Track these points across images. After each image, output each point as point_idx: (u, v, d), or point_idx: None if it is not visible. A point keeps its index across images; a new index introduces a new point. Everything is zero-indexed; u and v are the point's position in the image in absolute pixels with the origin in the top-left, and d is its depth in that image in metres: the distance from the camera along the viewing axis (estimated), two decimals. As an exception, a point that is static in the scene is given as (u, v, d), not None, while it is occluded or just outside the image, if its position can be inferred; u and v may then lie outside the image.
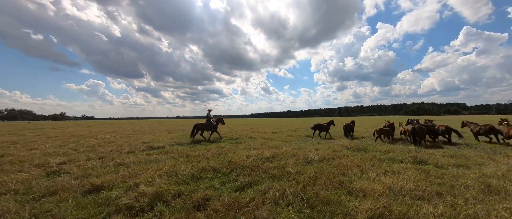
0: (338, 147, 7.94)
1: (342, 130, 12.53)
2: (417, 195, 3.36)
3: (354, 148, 7.79)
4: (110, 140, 11.45)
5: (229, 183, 4.18)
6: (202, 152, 7.25)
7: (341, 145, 8.50)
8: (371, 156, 6.41)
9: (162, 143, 9.59)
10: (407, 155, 6.41)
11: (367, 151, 7.28)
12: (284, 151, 7.26)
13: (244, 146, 8.68)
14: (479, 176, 4.25)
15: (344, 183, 4.00)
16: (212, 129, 11.42)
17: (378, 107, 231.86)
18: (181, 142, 10.11)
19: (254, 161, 5.76)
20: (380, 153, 6.82)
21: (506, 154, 6.49)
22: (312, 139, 11.11)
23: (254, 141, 10.43)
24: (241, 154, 6.62)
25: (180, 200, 3.34)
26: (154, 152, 7.65)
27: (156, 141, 10.62)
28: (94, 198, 3.50)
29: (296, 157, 6.30)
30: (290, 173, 4.67)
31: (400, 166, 5.16)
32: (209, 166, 5.28)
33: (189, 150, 7.75)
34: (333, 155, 6.53)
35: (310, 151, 7.17)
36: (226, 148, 8.11)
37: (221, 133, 14.08)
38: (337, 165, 5.26)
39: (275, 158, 6.16)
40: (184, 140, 11.00)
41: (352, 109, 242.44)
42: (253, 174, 4.69)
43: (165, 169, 5.02)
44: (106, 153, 7.51)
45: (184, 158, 6.52)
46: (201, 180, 4.44)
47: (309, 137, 11.85)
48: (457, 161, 5.55)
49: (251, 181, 4.23)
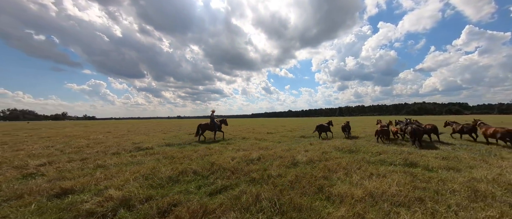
0: (329, 149, 7.74)
1: (340, 130, 12.72)
2: (397, 201, 3.17)
3: (345, 150, 7.59)
4: (101, 140, 11.33)
5: (205, 187, 4.01)
6: (189, 154, 7.08)
7: (333, 146, 8.29)
8: (361, 158, 6.21)
9: (152, 144, 9.45)
10: (398, 157, 6.21)
11: (358, 153, 7.08)
12: (273, 152, 7.08)
13: (234, 147, 8.51)
14: (468, 180, 4.04)
15: (324, 187, 3.80)
16: (216, 129, 11.61)
17: (379, 107, 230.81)
18: (171, 143, 9.95)
19: (238, 163, 5.59)
20: (371, 155, 6.62)
21: (501, 156, 6.26)
22: (306, 139, 10.91)
23: (246, 142, 10.25)
24: (226, 156, 6.44)
25: (147, 206, 3.18)
26: (140, 153, 7.50)
27: (146, 141, 10.48)
28: (58, 202, 3.34)
29: (283, 159, 6.11)
30: (271, 176, 4.49)
31: (388, 169, 4.96)
32: (190, 168, 5.11)
33: (176, 151, 7.59)
34: (322, 157, 6.33)
35: (299, 153, 6.98)
36: (214, 149, 7.94)
37: (209, 134, 13.86)
38: (322, 168, 5.06)
39: (260, 160, 5.98)
40: (176, 140, 10.84)
41: (353, 109, 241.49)
42: (232, 177, 4.51)
43: (144, 172, 4.85)
44: (91, 154, 7.38)
45: (168, 159, 6.36)
46: (178, 183, 4.27)
47: (303, 138, 11.65)
48: (449, 164, 5.34)
49: (228, 184, 4.05)
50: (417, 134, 8.38)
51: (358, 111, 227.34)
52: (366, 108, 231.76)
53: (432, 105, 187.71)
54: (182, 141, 10.67)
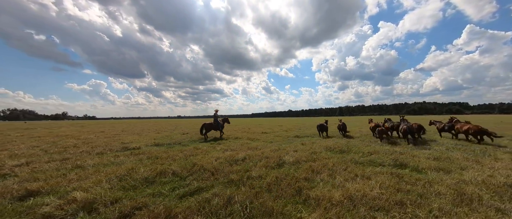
0: (319, 149, 7.54)
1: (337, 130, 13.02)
2: (377, 205, 2.97)
3: (336, 150, 7.39)
4: (90, 140, 11.15)
5: (179, 189, 3.82)
6: (174, 154, 6.89)
7: (325, 146, 8.10)
8: (350, 158, 6.01)
9: (140, 144, 9.26)
10: (389, 157, 6.01)
11: (349, 153, 6.88)
12: (260, 152, 6.88)
13: (223, 147, 8.31)
14: (456, 182, 3.83)
15: (303, 190, 3.61)
16: (220, 128, 11.99)
17: (380, 106, 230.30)
18: (161, 143, 9.76)
19: (221, 164, 5.39)
20: (361, 155, 6.42)
21: (495, 156, 6.05)
22: (299, 139, 10.72)
23: (237, 142, 10.06)
24: (211, 156, 6.25)
25: (110, 209, 2.98)
26: (125, 153, 7.32)
27: (136, 141, 10.30)
28: (17, 205, 3.15)
29: (269, 159, 5.91)
30: (251, 177, 4.29)
31: (375, 170, 4.76)
32: (170, 169, 4.92)
33: (162, 151, 7.41)
34: (310, 157, 6.13)
35: (287, 153, 6.79)
36: (202, 149, 7.75)
37: (215, 134, 13.68)
38: (307, 169, 4.86)
39: (245, 161, 5.78)
40: (166, 140, 10.65)
41: (353, 108, 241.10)
42: (211, 179, 4.32)
43: (120, 173, 4.66)
44: (75, 154, 7.19)
45: (151, 160, 6.17)
46: (153, 184, 4.08)
47: (297, 138, 11.46)
48: (440, 164, 5.14)
49: (204, 186, 3.86)
50: (411, 132, 8.87)
51: (358, 111, 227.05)
52: (366, 108, 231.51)
53: (432, 104, 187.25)
54: (172, 141, 10.48)
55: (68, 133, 15.55)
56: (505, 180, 3.82)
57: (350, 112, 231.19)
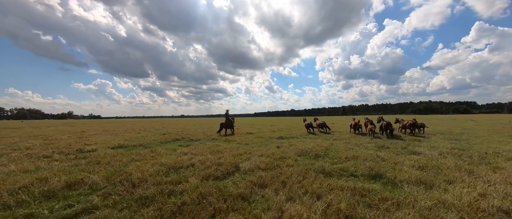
0: (292, 153, 6.60)
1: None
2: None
3: (311, 154, 6.45)
4: (56, 141, 10.46)
5: (62, 209, 2.95)
6: (121, 158, 6.06)
7: (302, 149, 7.14)
8: (319, 166, 5.06)
9: (103, 146, 8.50)
10: (366, 164, 5.06)
11: (323, 158, 5.94)
12: (218, 157, 5.99)
13: (186, 150, 7.43)
14: (433, 205, 2.86)
15: (221, 212, 2.70)
16: (232, 126, 13.54)
17: (384, 105, 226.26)
18: (127, 145, 8.93)
19: (156, 172, 4.52)
20: (335, 162, 5.48)
21: (495, 164, 5.00)
22: (280, 141, 9.79)
23: (208, 143, 9.19)
24: (155, 162, 5.38)
25: None
26: (74, 156, 6.54)
27: (101, 143, 9.53)
28: None
29: (221, 166, 5.02)
30: (172, 193, 3.40)
31: (338, 183, 3.81)
32: (89, 178, 4.08)
33: (115, 155, 6.59)
34: (271, 164, 5.21)
35: (250, 158, 5.88)
36: (158, 152, 6.92)
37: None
38: (253, 181, 3.94)
39: (189, 168, 4.89)
40: (136, 141, 9.83)
41: (356, 108, 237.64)
42: (125, 193, 3.45)
43: (25, 182, 3.85)
44: (20, 157, 6.46)
45: (92, 165, 5.35)
46: (47, 200, 3.24)
47: (280, 139, 10.54)
48: (423, 176, 4.15)
49: (93, 206, 2.98)
50: (388, 128, 10.92)
51: (362, 110, 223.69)
52: (370, 107, 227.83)
53: (438, 104, 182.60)
54: (142, 142, 9.67)
55: (45, 133, 14.99)
56: (499, 203, 2.82)
57: (354, 112, 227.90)
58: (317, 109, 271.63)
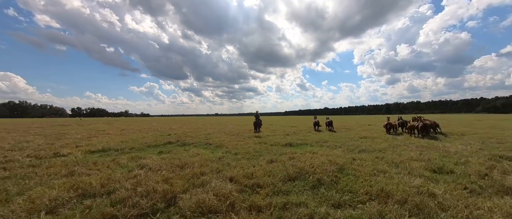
0: (280, 177, 4.40)
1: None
2: None
3: (313, 178, 4.22)
4: (59, 140, 10.63)
5: None
6: (86, 165, 4.96)
7: (304, 167, 4.86)
8: (311, 211, 2.79)
9: (83, 149, 7.88)
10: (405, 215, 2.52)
11: (328, 189, 3.64)
12: (168, 176, 4.26)
13: (151, 161, 5.97)
14: None
15: None
16: (261, 125, 15.43)
17: (442, 103, 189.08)
18: (108, 148, 8.15)
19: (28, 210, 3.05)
20: (345, 200, 3.11)
21: None
22: (283, 149, 7.54)
23: (192, 150, 7.62)
24: (68, 184, 3.97)
25: None
26: (37, 162, 5.85)
27: (92, 145, 9.05)
28: None
29: (151, 197, 3.26)
30: None
31: None
32: None
33: (85, 161, 5.62)
34: (230, 200, 3.19)
35: (207, 183, 3.96)
36: (120, 162, 5.64)
37: None
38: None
39: (97, 198, 3.27)
40: (131, 144, 9.07)
41: (405, 105, 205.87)
42: None
43: None
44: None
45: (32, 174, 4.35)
46: None
47: (288, 147, 8.27)
48: None
49: None
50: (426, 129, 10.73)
51: (412, 108, 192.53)
52: (423, 105, 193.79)
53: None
54: (133, 145, 8.79)
55: (64, 132, 16.18)
56: None
57: (401, 110, 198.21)
58: (355, 107, 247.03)
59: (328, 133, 13.08)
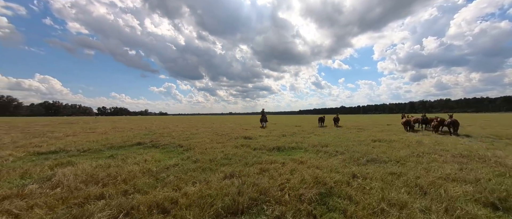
0: (209, 215, 2.65)
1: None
2: None
3: (271, 215, 2.34)
4: (29, 139, 9.88)
5: None
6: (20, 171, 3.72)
7: (268, 188, 3.08)
8: None
9: (29, 151, 6.83)
10: None
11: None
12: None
13: (78, 169, 4.57)
14: None
15: None
16: (266, 121, 17.58)
17: (477, 101, 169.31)
18: (82, 149, 7.03)
19: None
20: None
21: None
22: (273, 157, 5.75)
23: (149, 154, 6.13)
24: None
25: None
26: None
27: (72, 143, 8.05)
28: None
29: None
30: None
31: None
32: None
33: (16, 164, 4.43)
34: None
35: None
36: (31, 171, 4.30)
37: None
38: None
39: None
40: (98, 145, 7.94)
41: (432, 103, 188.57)
42: None
43: None
44: None
45: None
46: None
47: (275, 152, 6.46)
48: None
49: None
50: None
51: (440, 107, 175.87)
52: (454, 103, 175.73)
53: None
54: (93, 147, 7.62)
55: (56, 130, 15.83)
56: None
57: (427, 108, 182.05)
58: (374, 105, 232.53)
59: (334, 134, 10.90)
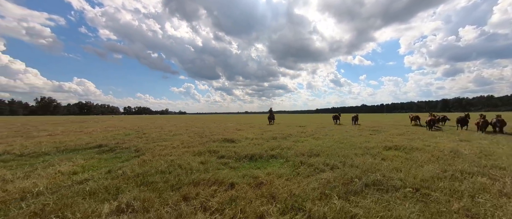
0: None
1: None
2: None
3: None
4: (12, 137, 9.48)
5: None
6: None
7: None
8: None
9: None
10: None
11: None
12: None
13: None
14: None
15: None
16: (274, 118, 19.21)
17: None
18: (33, 153, 6.19)
19: None
20: None
21: None
22: (248, 170, 4.15)
23: (64, 165, 4.89)
24: None
25: None
26: None
27: (37, 145, 7.35)
28: None
29: None
30: None
31: None
32: None
33: None
34: None
35: None
36: None
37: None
38: None
39: None
40: (62, 148, 7.08)
41: (470, 101, 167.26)
42: None
43: None
44: None
45: None
46: None
47: (248, 162, 4.81)
48: None
49: None
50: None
51: (480, 105, 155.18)
52: (498, 100, 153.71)
53: None
54: (46, 150, 6.73)
55: (50, 128, 15.84)
56: None
57: (464, 106, 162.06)
58: (400, 104, 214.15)
59: (337, 138, 8.79)
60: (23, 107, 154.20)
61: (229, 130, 12.74)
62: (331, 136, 9.52)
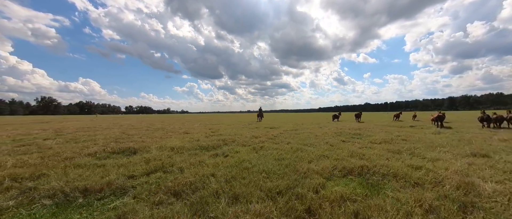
0: None
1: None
2: None
3: None
4: None
5: None
6: None
7: None
8: None
9: None
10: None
11: None
12: None
13: None
14: None
15: None
16: (262, 116, 21.46)
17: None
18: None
19: None
20: None
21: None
22: None
23: None
24: None
25: None
26: None
27: None
28: None
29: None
30: None
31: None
32: None
33: None
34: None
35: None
36: None
37: None
38: None
39: None
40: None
41: (478, 99, 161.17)
42: None
43: None
44: None
45: None
46: None
47: None
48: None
49: None
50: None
51: (489, 103, 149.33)
52: (507, 98, 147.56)
53: None
54: None
55: (27, 126, 13.55)
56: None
57: (472, 104, 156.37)
58: (405, 102, 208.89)
59: (290, 148, 6.16)
60: (24, 107, 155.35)
61: (174, 131, 10.16)
62: (288, 143, 6.87)
